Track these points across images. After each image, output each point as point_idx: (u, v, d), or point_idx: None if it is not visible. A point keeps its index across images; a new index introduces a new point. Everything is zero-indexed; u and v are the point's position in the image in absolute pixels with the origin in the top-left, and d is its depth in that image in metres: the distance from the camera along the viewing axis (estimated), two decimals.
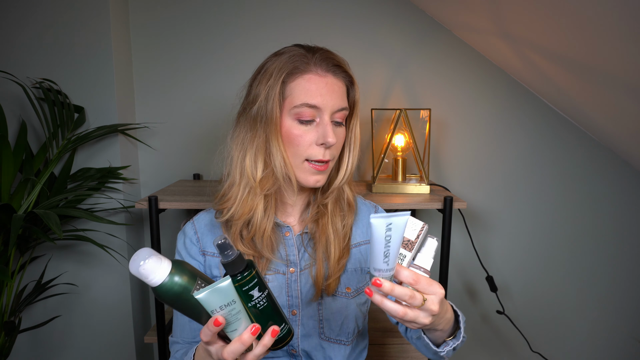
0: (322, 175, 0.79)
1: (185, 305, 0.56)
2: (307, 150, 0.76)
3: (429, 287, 0.59)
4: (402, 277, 0.58)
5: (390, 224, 0.54)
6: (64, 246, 1.49)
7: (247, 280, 0.57)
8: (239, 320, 0.57)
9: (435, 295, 0.59)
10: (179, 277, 0.55)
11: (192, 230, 0.87)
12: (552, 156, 1.60)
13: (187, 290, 0.55)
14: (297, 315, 0.83)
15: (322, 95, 0.75)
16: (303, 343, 0.83)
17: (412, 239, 0.64)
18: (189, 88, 1.54)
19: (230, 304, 0.55)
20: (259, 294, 0.58)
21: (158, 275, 0.54)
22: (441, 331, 0.70)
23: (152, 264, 0.53)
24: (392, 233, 0.54)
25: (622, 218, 1.64)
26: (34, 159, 1.35)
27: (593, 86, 1.23)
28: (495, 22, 1.27)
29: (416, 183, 1.37)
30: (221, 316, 0.55)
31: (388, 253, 0.55)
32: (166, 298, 0.55)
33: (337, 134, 0.78)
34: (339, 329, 0.84)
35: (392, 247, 0.55)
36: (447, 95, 1.56)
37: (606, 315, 1.70)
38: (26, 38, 1.38)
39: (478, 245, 1.64)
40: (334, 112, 0.77)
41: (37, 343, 1.54)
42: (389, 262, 0.56)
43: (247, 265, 0.58)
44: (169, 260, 0.56)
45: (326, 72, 0.76)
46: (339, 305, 0.84)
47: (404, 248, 0.64)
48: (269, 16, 1.50)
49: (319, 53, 0.78)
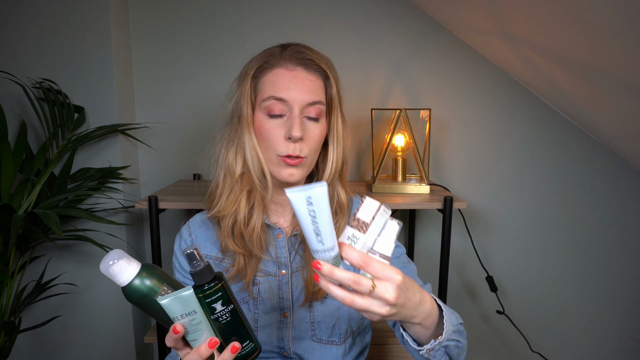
0: (296, 170, 0.77)
1: (150, 309, 0.58)
2: (277, 145, 0.76)
3: (383, 272, 0.53)
4: (347, 258, 0.53)
5: (309, 197, 0.50)
6: (64, 246, 1.49)
7: (211, 293, 0.57)
8: (199, 331, 0.57)
9: (389, 282, 0.53)
10: (146, 280, 0.57)
11: (187, 231, 0.88)
12: (552, 156, 1.60)
13: (153, 294, 0.57)
14: (288, 318, 0.83)
15: (289, 88, 0.74)
16: (294, 345, 0.83)
17: (367, 221, 0.56)
18: (189, 88, 1.54)
19: (191, 314, 0.56)
20: (222, 307, 0.58)
21: (125, 276, 0.56)
22: (421, 326, 0.63)
23: (120, 265, 0.55)
24: (315, 207, 0.51)
25: (622, 218, 1.64)
26: (34, 159, 1.35)
27: (592, 86, 1.23)
28: (495, 22, 1.27)
29: (416, 183, 1.37)
30: (180, 324, 0.56)
31: (318, 231, 0.52)
32: (132, 299, 0.57)
33: (311, 128, 0.77)
34: (331, 331, 0.84)
35: (320, 223, 0.51)
36: (447, 95, 1.56)
37: (606, 315, 1.70)
38: (26, 38, 1.38)
39: (478, 245, 1.64)
40: (306, 107, 0.75)
41: (37, 343, 1.54)
42: (324, 241, 0.52)
43: (214, 278, 0.58)
44: (138, 262, 0.58)
45: (296, 65, 0.76)
46: (330, 307, 0.83)
47: (358, 230, 0.56)
48: (269, 17, 1.50)
49: (291, 47, 0.78)
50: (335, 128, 0.80)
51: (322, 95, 0.78)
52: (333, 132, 0.80)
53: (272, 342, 0.82)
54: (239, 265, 0.81)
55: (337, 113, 0.80)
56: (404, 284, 0.55)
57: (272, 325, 0.82)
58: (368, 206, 0.57)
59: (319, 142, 0.79)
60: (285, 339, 0.82)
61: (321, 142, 0.80)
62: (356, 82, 1.55)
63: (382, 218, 0.57)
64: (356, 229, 0.56)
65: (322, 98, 0.77)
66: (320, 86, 0.78)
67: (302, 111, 0.75)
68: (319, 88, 0.77)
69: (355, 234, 0.56)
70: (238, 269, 0.81)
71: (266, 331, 0.82)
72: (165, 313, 0.56)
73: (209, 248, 0.85)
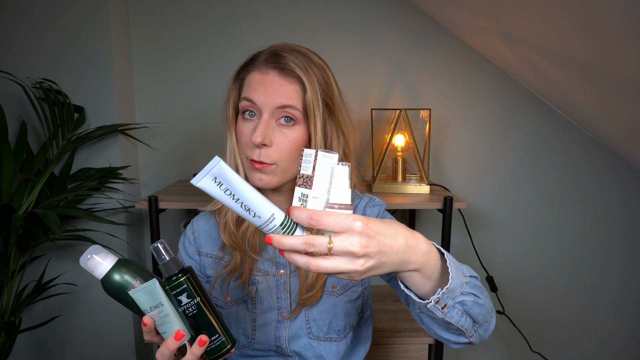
0: (265, 175, 0.75)
1: (125, 302, 0.60)
2: (246, 148, 0.75)
3: (338, 223, 0.46)
4: (297, 221, 0.48)
5: (215, 177, 0.47)
6: (64, 246, 1.49)
7: (175, 285, 0.58)
8: (167, 324, 0.59)
9: (348, 232, 0.46)
10: (120, 274, 0.60)
11: (190, 230, 0.89)
12: (552, 156, 1.60)
13: (126, 286, 0.59)
14: (285, 317, 0.83)
15: (258, 91, 0.73)
16: (292, 344, 0.83)
17: (309, 173, 0.51)
18: (189, 88, 1.54)
19: (158, 306, 0.58)
20: (188, 300, 0.58)
21: (101, 269, 0.59)
22: (420, 274, 0.54)
23: (97, 259, 0.59)
24: (226, 185, 0.48)
25: (622, 218, 1.64)
26: (34, 159, 1.35)
27: (593, 86, 1.23)
28: (495, 22, 1.27)
29: (416, 183, 1.37)
30: (149, 317, 0.58)
31: (247, 206, 0.48)
32: (109, 291, 0.60)
33: (282, 134, 0.74)
34: (327, 328, 0.83)
35: (243, 196, 0.48)
36: (447, 95, 1.56)
37: (606, 315, 1.70)
38: (26, 38, 1.38)
39: (478, 245, 1.64)
40: (275, 110, 0.73)
41: (37, 343, 1.54)
42: (260, 213, 0.48)
43: (180, 270, 0.59)
44: (115, 257, 0.61)
45: (270, 69, 0.74)
46: (325, 305, 0.83)
47: (304, 187, 0.51)
48: (269, 17, 1.50)
49: (270, 50, 0.77)
50: (313, 137, 0.75)
51: (297, 100, 0.73)
52: (312, 141, 0.76)
53: (270, 341, 0.83)
54: (235, 262, 0.81)
55: (316, 121, 0.74)
56: (370, 228, 0.48)
57: (269, 325, 0.83)
58: (307, 157, 0.52)
59: (292, 149, 0.74)
60: (283, 337, 0.82)
61: (297, 149, 0.75)
62: (356, 82, 1.55)
63: (326, 166, 0.51)
64: (303, 187, 0.51)
65: (296, 102, 0.73)
66: (295, 91, 0.74)
67: (272, 115, 0.73)
68: (292, 92, 0.73)
69: (304, 191, 0.51)
70: (235, 265, 0.81)
71: (264, 330, 0.83)
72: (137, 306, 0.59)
73: (210, 247, 0.86)
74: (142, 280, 0.60)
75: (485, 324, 0.63)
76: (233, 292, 0.83)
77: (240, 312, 0.83)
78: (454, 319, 0.58)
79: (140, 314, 0.60)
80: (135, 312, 0.61)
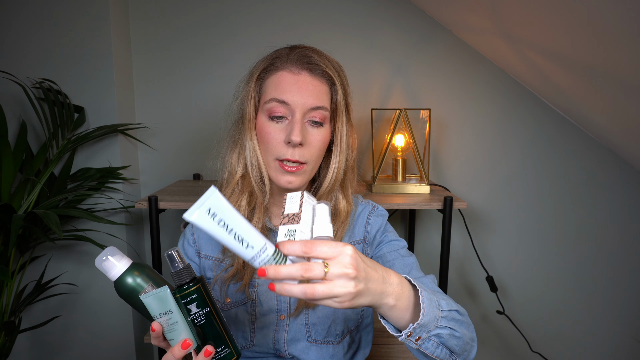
0: (295, 177, 0.76)
1: (136, 305, 0.61)
2: (276, 149, 0.75)
3: (330, 250, 0.49)
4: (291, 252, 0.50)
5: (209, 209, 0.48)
6: (63, 246, 1.49)
7: (186, 294, 0.58)
8: (175, 332, 0.59)
9: (341, 256, 0.49)
10: (133, 277, 0.60)
11: (190, 231, 0.88)
12: (552, 156, 1.60)
13: (138, 290, 0.60)
14: (284, 320, 0.83)
15: (292, 92, 0.74)
16: (291, 347, 0.83)
17: (296, 211, 0.55)
18: (189, 88, 1.54)
19: (167, 313, 0.59)
20: (197, 310, 0.59)
21: (115, 272, 0.60)
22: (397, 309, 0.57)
23: (112, 261, 0.60)
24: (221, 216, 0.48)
25: (622, 218, 1.64)
26: (34, 159, 1.35)
27: (593, 86, 1.23)
28: (495, 22, 1.27)
29: (416, 183, 1.37)
30: (158, 323, 0.58)
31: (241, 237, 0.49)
32: (121, 294, 0.61)
33: (313, 134, 0.75)
34: (327, 332, 0.84)
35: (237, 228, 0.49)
36: (447, 95, 1.56)
37: (606, 315, 1.70)
38: (26, 38, 1.38)
39: (478, 245, 1.64)
40: (308, 111, 0.74)
41: (37, 343, 1.54)
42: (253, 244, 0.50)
43: (192, 279, 0.59)
44: (130, 260, 0.61)
45: (301, 69, 0.75)
46: (325, 310, 0.83)
47: (291, 223, 0.54)
48: (268, 16, 1.50)
49: (298, 50, 0.77)
50: (339, 135, 0.79)
51: (327, 101, 0.77)
52: (337, 139, 0.79)
53: (269, 344, 0.82)
54: (237, 266, 0.81)
55: (342, 120, 0.79)
56: (358, 254, 0.51)
57: (268, 327, 0.83)
58: (291, 199, 0.57)
59: (321, 148, 0.77)
60: (281, 341, 0.82)
61: (323, 148, 0.78)
62: (356, 82, 1.55)
63: (308, 206, 0.56)
64: (289, 224, 0.54)
65: (327, 104, 0.76)
66: (325, 91, 0.76)
67: (304, 116, 0.74)
68: (323, 93, 0.76)
69: (290, 227, 0.54)
70: (237, 269, 0.81)
71: (262, 333, 0.82)
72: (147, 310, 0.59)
73: (210, 249, 0.86)
74: (154, 285, 0.61)
75: (464, 353, 0.65)
76: (233, 294, 0.83)
77: (239, 314, 0.83)
78: (429, 350, 0.60)
79: (149, 319, 0.60)
80: (145, 316, 0.61)
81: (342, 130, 0.78)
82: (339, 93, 0.77)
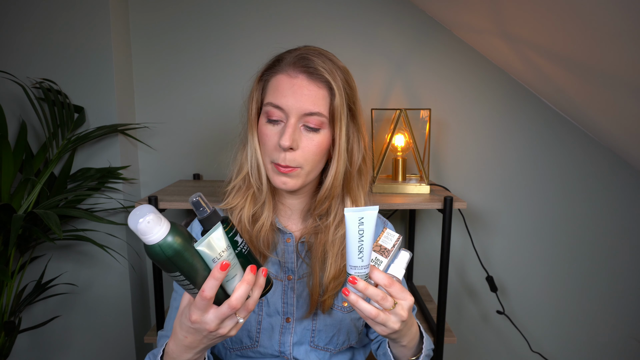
0: (289, 179, 0.76)
1: (181, 264, 0.54)
2: (271, 151, 0.76)
3: (401, 293, 0.62)
4: (376, 279, 0.61)
5: (362, 217, 0.58)
6: (63, 246, 1.49)
7: (230, 228, 0.60)
8: (237, 266, 0.58)
9: (406, 301, 0.62)
10: (178, 236, 0.54)
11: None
12: (552, 156, 1.60)
13: (186, 246, 0.54)
14: (290, 323, 0.83)
15: (287, 96, 0.73)
16: (295, 350, 0.83)
17: (389, 247, 0.68)
18: (189, 88, 1.54)
19: (227, 249, 0.56)
20: (241, 239, 0.62)
21: (158, 234, 0.52)
22: (405, 347, 0.72)
23: (153, 222, 0.52)
24: (364, 227, 0.58)
25: (622, 218, 1.64)
26: (34, 159, 1.35)
27: (593, 86, 1.23)
28: (495, 22, 1.27)
29: (416, 183, 1.37)
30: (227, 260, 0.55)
31: (362, 248, 0.59)
32: (163, 256, 0.53)
33: (307, 139, 0.74)
34: (329, 340, 0.84)
35: (365, 241, 0.59)
36: (447, 95, 1.56)
37: (606, 315, 1.70)
38: (26, 38, 1.38)
39: (478, 245, 1.64)
40: (303, 116, 0.73)
41: (37, 343, 1.54)
42: (364, 259, 0.60)
43: (224, 218, 0.60)
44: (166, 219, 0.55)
45: (298, 73, 0.73)
46: (333, 318, 0.84)
47: (381, 254, 0.67)
48: (269, 17, 1.50)
49: (297, 53, 0.76)
50: (338, 141, 0.76)
51: (324, 106, 0.74)
52: (335, 145, 0.76)
53: (274, 345, 0.82)
54: None
55: (341, 126, 0.75)
56: (412, 305, 0.64)
57: (274, 329, 0.83)
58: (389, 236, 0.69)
59: (317, 152, 0.76)
60: (287, 343, 0.82)
61: (321, 152, 0.76)
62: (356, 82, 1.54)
63: (397, 247, 0.69)
64: (379, 254, 0.67)
65: (323, 109, 0.74)
66: (323, 96, 0.74)
67: (299, 120, 0.73)
68: (320, 98, 0.73)
69: (379, 257, 0.67)
70: None
71: (268, 334, 0.82)
72: (197, 265, 0.54)
73: None
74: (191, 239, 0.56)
75: None
76: None
77: None
78: None
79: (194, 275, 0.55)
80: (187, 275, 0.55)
81: (341, 136, 0.76)
82: (336, 98, 0.74)
